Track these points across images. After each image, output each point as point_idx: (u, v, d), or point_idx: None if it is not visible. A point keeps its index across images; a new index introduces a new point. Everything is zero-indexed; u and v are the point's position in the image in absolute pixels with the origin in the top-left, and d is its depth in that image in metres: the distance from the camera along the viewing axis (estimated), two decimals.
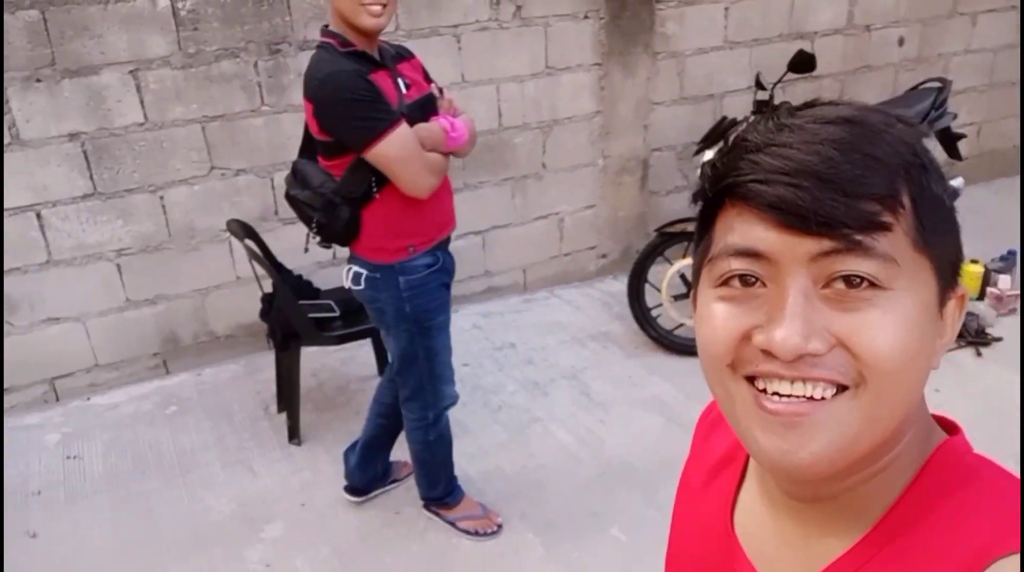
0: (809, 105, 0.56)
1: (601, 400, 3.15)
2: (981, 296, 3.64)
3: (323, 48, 2.03)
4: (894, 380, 0.52)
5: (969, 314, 3.53)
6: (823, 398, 0.52)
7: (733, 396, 0.56)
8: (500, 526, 2.50)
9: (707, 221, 0.58)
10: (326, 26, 2.08)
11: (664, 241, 3.37)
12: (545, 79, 3.73)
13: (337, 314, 2.94)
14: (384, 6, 1.99)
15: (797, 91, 3.97)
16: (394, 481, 2.72)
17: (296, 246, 2.56)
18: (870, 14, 4.43)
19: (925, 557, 0.55)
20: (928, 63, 4.71)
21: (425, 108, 2.14)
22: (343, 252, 2.47)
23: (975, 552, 0.52)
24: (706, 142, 3.30)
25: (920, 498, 0.57)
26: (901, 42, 4.59)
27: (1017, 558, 0.51)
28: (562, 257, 4.11)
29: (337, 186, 2.10)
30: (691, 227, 3.26)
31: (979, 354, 3.30)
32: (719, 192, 0.55)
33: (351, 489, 2.65)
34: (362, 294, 2.25)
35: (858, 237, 0.50)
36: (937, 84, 3.74)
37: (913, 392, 0.55)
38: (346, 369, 3.44)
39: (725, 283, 0.55)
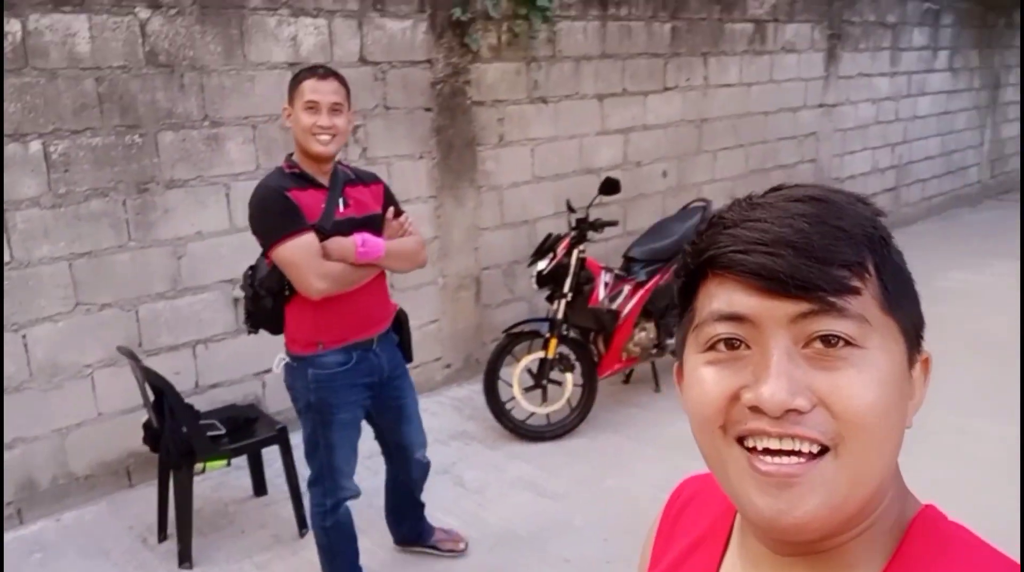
0: (775, 190, 0.61)
1: (475, 487, 3.46)
2: None
3: (276, 168, 2.43)
4: (872, 436, 0.55)
5: None
6: (810, 453, 0.55)
7: (726, 460, 0.58)
8: None
9: (688, 294, 0.63)
10: (291, 154, 2.46)
11: (511, 341, 3.84)
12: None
13: (224, 432, 3.07)
14: (332, 136, 2.35)
15: (600, 212, 4.75)
16: (434, 548, 2.95)
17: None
18: (639, 153, 5.43)
19: None
20: (685, 190, 5.78)
21: (362, 225, 2.42)
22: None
23: None
24: (537, 255, 3.88)
25: (908, 564, 0.59)
26: (664, 174, 5.64)
27: None
28: (412, 370, 4.43)
29: (260, 279, 2.41)
30: (534, 327, 3.80)
31: None
32: (701, 264, 0.59)
33: (395, 540, 2.99)
34: (284, 381, 2.49)
35: (832, 299, 0.54)
36: (702, 203, 4.69)
37: (891, 450, 0.57)
38: (219, 495, 3.47)
39: (712, 348, 0.59)
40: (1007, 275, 6.45)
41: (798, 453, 0.55)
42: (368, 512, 3.06)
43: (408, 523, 2.96)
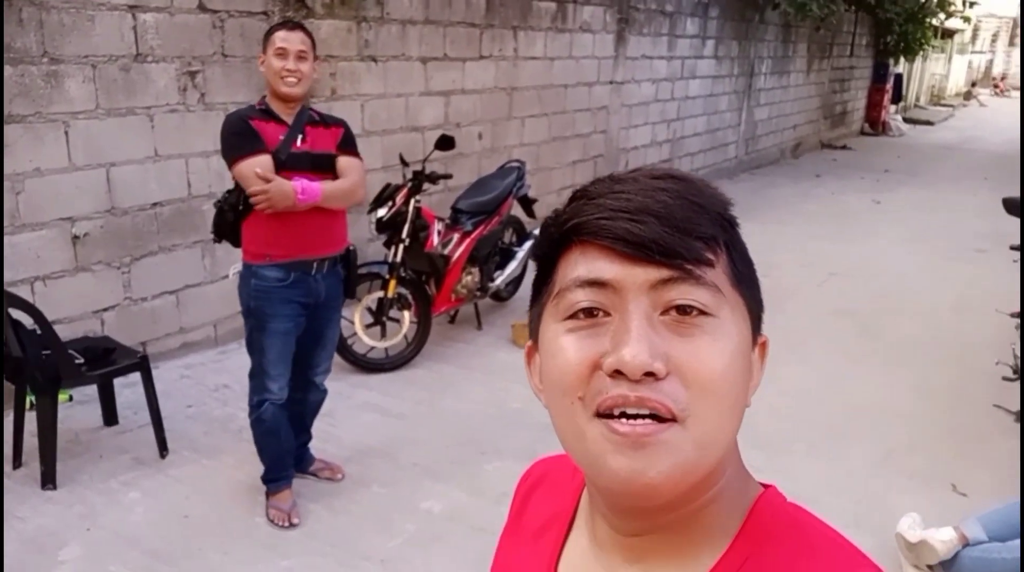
0: (636, 170, 0.64)
1: (325, 411, 3.76)
2: None
3: (248, 104, 2.79)
4: (720, 403, 0.57)
5: None
6: (662, 420, 0.56)
7: (584, 430, 0.58)
8: (294, 524, 2.94)
9: (548, 266, 0.64)
10: (264, 95, 2.79)
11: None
12: None
13: (83, 361, 3.18)
14: (298, 80, 2.67)
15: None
16: (313, 475, 3.22)
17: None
18: (459, 115, 5.89)
19: None
20: (498, 152, 6.34)
21: (315, 160, 2.77)
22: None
23: None
24: (376, 202, 4.23)
25: (752, 543, 0.61)
26: (480, 136, 6.15)
27: None
28: None
29: (223, 198, 2.76)
30: (374, 269, 4.17)
31: None
32: (564, 233, 0.61)
33: None
34: (237, 287, 2.85)
35: (690, 267, 0.57)
36: (517, 164, 5.24)
37: (734, 420, 0.60)
38: (66, 426, 3.52)
39: (572, 317, 0.60)
40: (753, 234, 7.68)
41: (653, 418, 0.56)
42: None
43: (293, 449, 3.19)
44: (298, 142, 2.77)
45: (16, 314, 3.00)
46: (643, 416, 0.56)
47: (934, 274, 6.53)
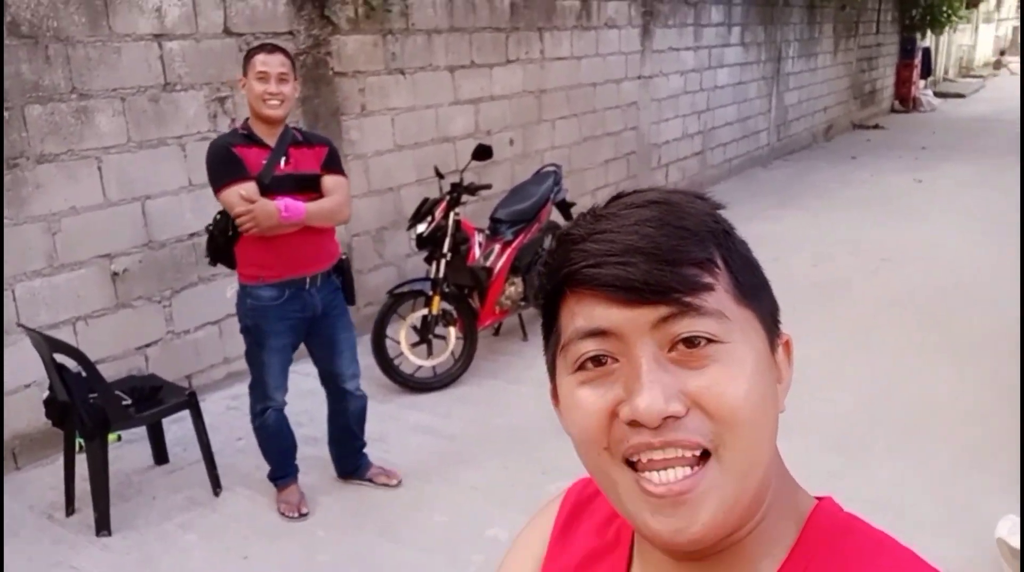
0: (615, 198, 0.62)
1: (377, 436, 3.67)
2: None
3: (231, 129, 2.82)
4: (749, 428, 0.55)
5: None
6: (694, 457, 0.55)
7: (616, 482, 0.57)
8: (303, 515, 3.06)
9: (551, 315, 0.62)
10: (247, 119, 2.82)
11: (395, 301, 4.08)
12: None
13: (130, 401, 3.10)
14: (281, 102, 2.63)
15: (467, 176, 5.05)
16: (370, 481, 3.25)
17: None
18: (489, 122, 5.77)
19: None
20: (529, 157, 6.21)
21: (300, 182, 2.76)
22: None
23: None
24: (415, 218, 4.13)
25: (811, 550, 0.60)
26: (511, 142, 6.02)
27: None
28: None
29: (213, 223, 2.82)
30: (417, 287, 4.06)
31: None
32: (557, 284, 0.59)
33: (337, 473, 3.31)
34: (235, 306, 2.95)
35: (688, 299, 0.55)
36: (553, 167, 5.11)
37: (768, 437, 0.58)
38: (119, 467, 3.46)
39: (581, 367, 0.58)
40: (796, 222, 7.50)
41: (682, 460, 0.55)
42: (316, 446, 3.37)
43: (347, 457, 3.25)
44: (281, 164, 2.78)
45: (60, 358, 2.93)
46: (671, 460, 0.55)
47: (990, 256, 6.25)
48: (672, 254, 0.55)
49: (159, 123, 3.78)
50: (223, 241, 2.83)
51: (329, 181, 2.85)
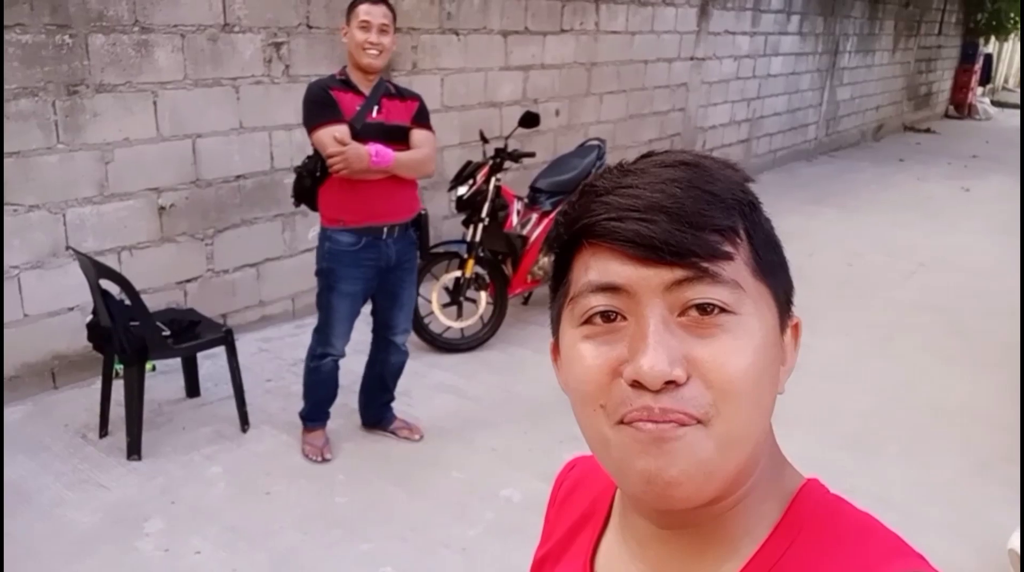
0: (645, 156, 0.61)
1: (401, 390, 3.72)
2: None
3: (330, 75, 2.88)
4: (744, 403, 0.55)
5: None
6: (684, 424, 0.54)
7: (608, 439, 0.57)
8: (327, 460, 3.15)
9: (563, 267, 0.61)
10: (345, 66, 2.91)
11: (430, 261, 4.12)
12: None
13: (169, 333, 3.19)
14: (380, 52, 2.74)
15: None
16: (393, 433, 3.34)
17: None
18: (537, 91, 5.76)
19: None
20: (574, 130, 6.20)
21: (389, 131, 2.87)
22: None
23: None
24: (456, 181, 4.16)
25: (794, 531, 0.59)
26: (557, 113, 6.01)
27: None
28: None
29: (303, 164, 2.88)
30: (453, 248, 4.10)
31: None
32: (574, 234, 0.58)
33: (362, 421, 3.40)
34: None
35: (706, 265, 0.54)
36: (597, 142, 5.10)
37: (762, 415, 0.57)
38: (152, 396, 3.56)
39: (587, 321, 0.57)
40: (834, 220, 7.43)
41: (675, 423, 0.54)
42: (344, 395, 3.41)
43: (375, 408, 3.34)
44: (373, 113, 2.86)
45: (105, 284, 3.02)
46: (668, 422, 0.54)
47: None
48: (696, 217, 0.54)
49: (215, 63, 3.84)
50: (310, 182, 2.92)
51: (418, 134, 2.94)
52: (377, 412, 3.37)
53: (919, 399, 3.96)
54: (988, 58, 17.03)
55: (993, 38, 16.83)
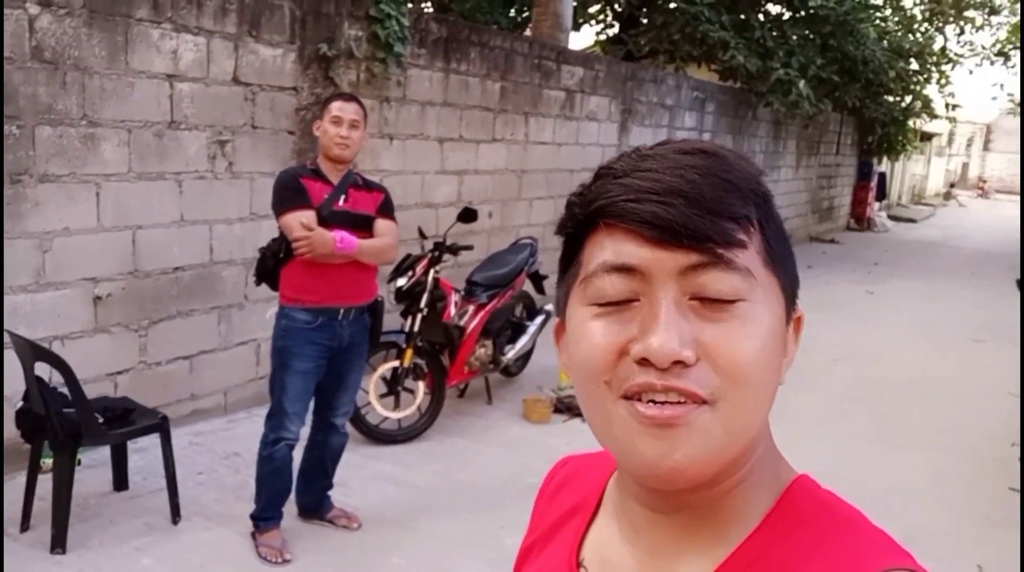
0: (663, 143, 0.61)
1: (339, 481, 3.68)
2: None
3: (301, 164, 3.02)
4: (751, 389, 0.56)
5: (569, 396, 4.95)
6: (688, 403, 0.54)
7: (610, 414, 0.57)
8: (287, 561, 3.02)
9: (574, 248, 0.61)
10: (316, 157, 3.10)
11: (368, 351, 4.16)
12: (250, 222, 4.38)
13: (102, 420, 3.13)
14: (349, 146, 2.92)
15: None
16: (330, 522, 3.29)
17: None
18: (471, 194, 6.02)
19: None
20: (507, 231, 6.44)
21: (355, 220, 3.00)
22: None
23: (848, 569, 0.56)
24: (396, 273, 4.27)
25: (782, 524, 0.60)
26: (491, 215, 6.26)
27: None
28: (257, 380, 4.59)
29: (267, 246, 2.99)
30: (391, 338, 4.17)
31: (583, 420, 4.69)
32: (590, 215, 0.58)
33: (299, 510, 3.32)
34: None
35: (721, 251, 0.55)
36: (529, 240, 5.33)
37: (765, 403, 0.58)
38: (78, 490, 3.39)
39: (599, 302, 0.58)
40: None
41: (680, 404, 0.55)
42: None
43: (313, 494, 3.28)
44: (340, 202, 2.98)
45: (38, 369, 2.97)
46: (670, 403, 0.55)
47: (937, 361, 6.58)
48: (714, 204, 0.55)
49: (160, 157, 3.92)
50: (273, 262, 3.02)
51: (382, 224, 3.09)
52: (316, 499, 3.32)
53: (846, 480, 4.11)
54: (882, 176, 18.45)
55: (885, 158, 18.30)
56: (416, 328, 4.18)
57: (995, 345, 7.14)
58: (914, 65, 14.75)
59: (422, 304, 4.19)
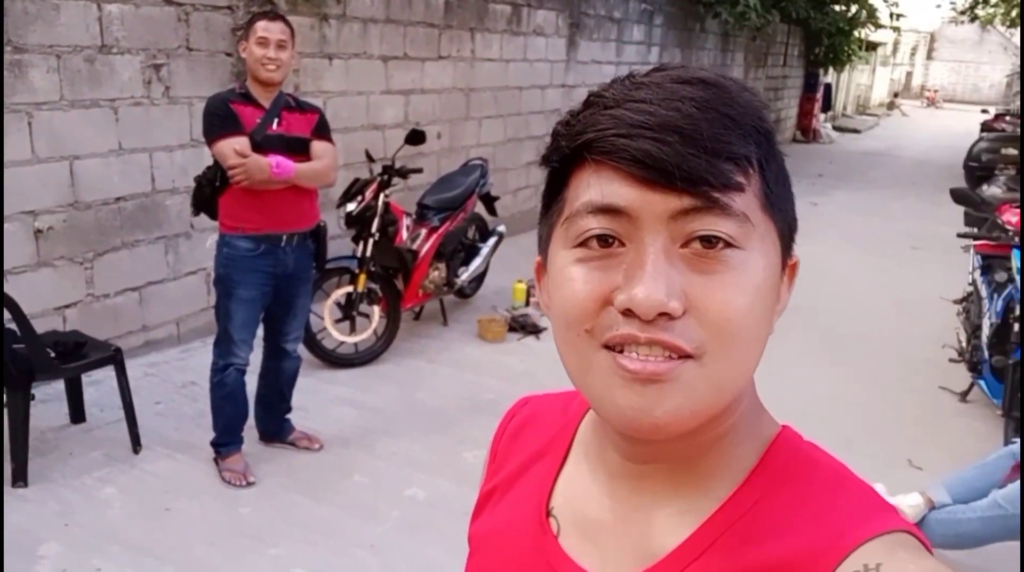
0: (659, 69, 0.56)
1: (298, 405, 3.73)
2: (527, 303, 5.22)
3: (230, 88, 2.92)
4: (738, 343, 0.53)
5: (523, 315, 5.04)
6: (672, 358, 0.51)
7: (590, 363, 0.54)
8: (251, 483, 3.10)
9: (558, 183, 0.57)
10: (245, 80, 2.97)
11: (321, 277, 4.16)
12: (191, 149, 4.27)
13: (54, 355, 3.11)
14: (277, 67, 2.80)
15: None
16: (292, 444, 3.36)
17: None
18: (418, 114, 5.93)
19: (778, 534, 0.55)
20: (456, 152, 6.39)
21: (289, 143, 2.94)
22: None
23: (835, 532, 0.54)
24: (344, 198, 4.23)
25: (768, 479, 0.58)
26: (439, 136, 6.19)
27: (883, 540, 0.52)
28: (209, 309, 4.55)
29: (202, 174, 2.92)
30: (343, 264, 4.17)
31: (538, 338, 4.81)
32: (576, 148, 0.54)
33: (260, 435, 3.37)
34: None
35: (717, 195, 0.50)
36: (480, 161, 5.30)
37: (754, 356, 0.55)
38: (34, 424, 3.40)
39: (583, 244, 0.54)
40: None
41: (663, 358, 0.52)
42: None
43: (272, 419, 3.34)
44: (273, 125, 2.93)
45: None
46: (655, 357, 0.52)
47: (874, 272, 6.83)
48: (712, 142, 0.50)
49: (93, 84, 3.78)
50: (210, 191, 2.95)
51: (318, 146, 3.03)
52: (275, 424, 3.38)
53: (782, 391, 4.32)
54: (828, 87, 18.60)
55: (831, 69, 18.40)
56: (368, 253, 4.18)
57: (931, 253, 7.42)
58: None
59: (373, 229, 4.18)
